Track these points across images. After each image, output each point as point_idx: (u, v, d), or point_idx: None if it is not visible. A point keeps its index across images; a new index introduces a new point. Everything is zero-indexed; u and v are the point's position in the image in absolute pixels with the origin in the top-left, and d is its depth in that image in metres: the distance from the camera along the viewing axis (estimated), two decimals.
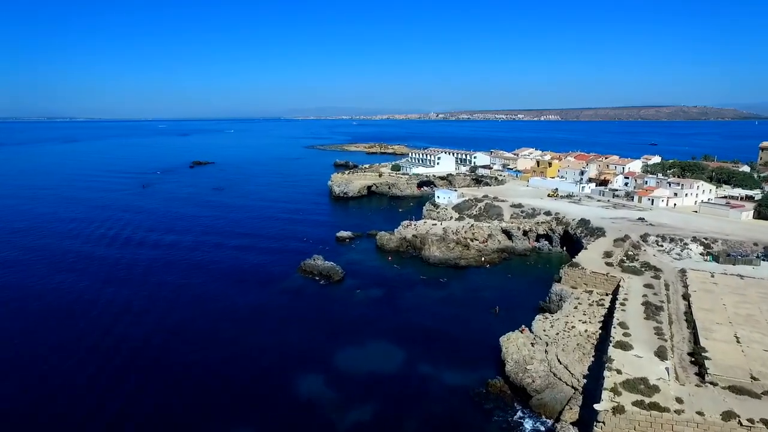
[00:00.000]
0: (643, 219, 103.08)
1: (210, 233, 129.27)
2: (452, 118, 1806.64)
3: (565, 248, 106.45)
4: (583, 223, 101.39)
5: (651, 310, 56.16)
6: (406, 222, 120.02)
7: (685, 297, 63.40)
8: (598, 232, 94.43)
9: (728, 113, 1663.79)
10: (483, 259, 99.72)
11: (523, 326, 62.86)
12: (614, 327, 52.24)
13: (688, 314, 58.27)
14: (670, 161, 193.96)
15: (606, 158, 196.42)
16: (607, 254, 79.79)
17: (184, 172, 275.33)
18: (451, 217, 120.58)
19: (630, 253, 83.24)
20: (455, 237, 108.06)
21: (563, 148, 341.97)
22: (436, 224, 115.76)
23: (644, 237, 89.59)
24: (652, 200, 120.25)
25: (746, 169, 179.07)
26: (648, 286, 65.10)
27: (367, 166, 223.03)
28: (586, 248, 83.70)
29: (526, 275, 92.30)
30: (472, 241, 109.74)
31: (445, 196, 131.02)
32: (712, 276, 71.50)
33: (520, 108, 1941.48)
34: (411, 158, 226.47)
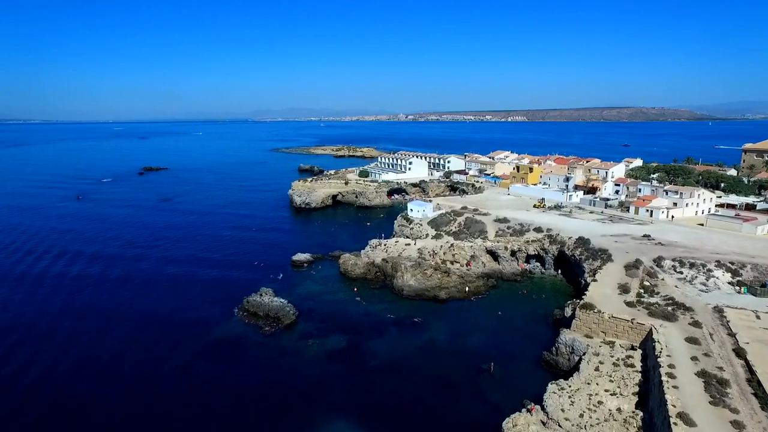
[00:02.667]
0: (649, 236, 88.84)
1: (138, 256, 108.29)
2: (421, 120, 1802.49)
3: (560, 271, 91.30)
4: (582, 242, 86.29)
5: (715, 388, 40.44)
6: (374, 241, 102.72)
7: (739, 353, 48.26)
8: (601, 255, 79.32)
9: (684, 114, 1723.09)
10: (467, 289, 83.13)
11: (531, 404, 46.30)
12: (673, 421, 36.13)
13: (754, 384, 42.98)
14: (654, 164, 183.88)
15: (587, 162, 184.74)
16: (623, 288, 64.39)
17: (132, 179, 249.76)
18: (427, 235, 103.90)
19: (647, 283, 68.26)
20: (432, 261, 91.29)
21: (537, 150, 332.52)
22: (409, 244, 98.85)
23: (658, 261, 74.93)
24: (651, 212, 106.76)
25: (733, 172, 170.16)
26: (692, 340, 49.58)
27: (332, 172, 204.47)
28: (595, 279, 68.05)
29: (520, 310, 76.14)
30: (453, 264, 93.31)
31: (419, 209, 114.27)
32: (758, 317, 56.94)
33: (488, 109, 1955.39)
34: (380, 163, 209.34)
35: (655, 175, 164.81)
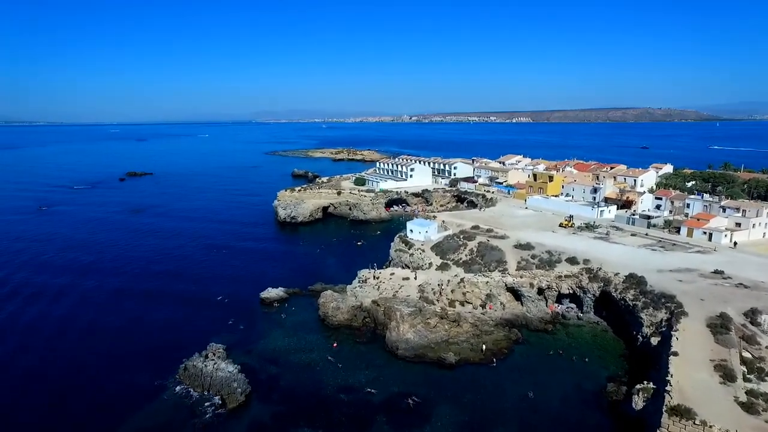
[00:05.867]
0: (722, 272, 67.82)
1: (71, 287, 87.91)
2: (425, 121, 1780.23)
3: (604, 313, 70.30)
4: (635, 281, 65.42)
5: None
6: (364, 272, 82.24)
7: None
8: (666, 303, 58.52)
9: (690, 115, 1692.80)
10: (483, 347, 62.26)
11: None
12: None
13: None
14: (690, 171, 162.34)
15: (612, 168, 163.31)
16: (724, 370, 43.30)
17: (110, 186, 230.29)
18: (430, 264, 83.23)
19: (746, 354, 47.44)
20: (437, 305, 70.45)
21: (548, 152, 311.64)
22: (408, 278, 78.11)
23: (752, 316, 53.98)
24: (710, 235, 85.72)
25: None
26: None
27: (325, 179, 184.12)
28: (675, 352, 46.80)
29: (559, 383, 55.04)
30: (464, 304, 72.62)
31: (420, 230, 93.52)
32: None
33: (492, 110, 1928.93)
34: (379, 169, 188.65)
35: (689, 184, 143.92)
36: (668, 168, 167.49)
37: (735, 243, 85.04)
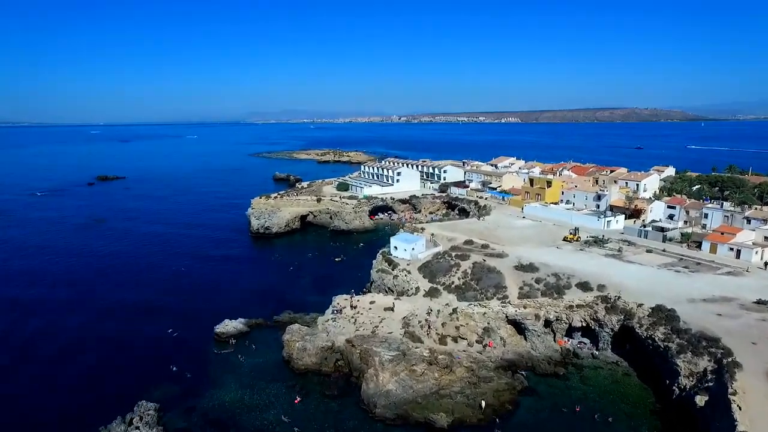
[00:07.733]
0: (766, 302, 56.66)
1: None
2: (414, 121, 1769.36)
3: (627, 347, 58.68)
4: (663, 316, 53.90)
5: None
6: (341, 299, 70.26)
7: None
8: (709, 348, 47.07)
9: (676, 115, 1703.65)
10: (482, 402, 50.20)
11: None
12: None
13: None
14: (695, 175, 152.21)
15: (612, 171, 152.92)
16: None
17: (76, 191, 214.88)
18: (417, 289, 71.18)
19: None
20: (426, 344, 58.29)
21: (541, 154, 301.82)
22: (391, 307, 66.02)
23: None
24: (738, 251, 74.72)
25: None
26: None
27: (305, 184, 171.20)
28: (742, 431, 35.22)
29: None
30: (456, 340, 60.68)
31: (405, 247, 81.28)
32: None
33: (481, 110, 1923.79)
34: (363, 173, 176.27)
35: (694, 188, 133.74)
36: (670, 170, 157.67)
37: (766, 263, 73.89)
